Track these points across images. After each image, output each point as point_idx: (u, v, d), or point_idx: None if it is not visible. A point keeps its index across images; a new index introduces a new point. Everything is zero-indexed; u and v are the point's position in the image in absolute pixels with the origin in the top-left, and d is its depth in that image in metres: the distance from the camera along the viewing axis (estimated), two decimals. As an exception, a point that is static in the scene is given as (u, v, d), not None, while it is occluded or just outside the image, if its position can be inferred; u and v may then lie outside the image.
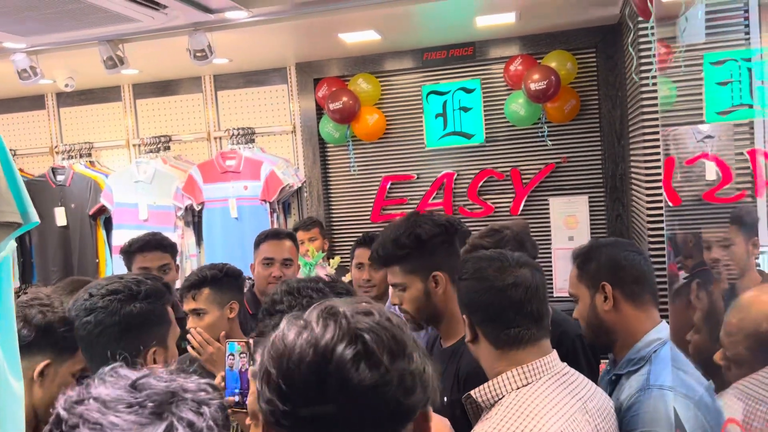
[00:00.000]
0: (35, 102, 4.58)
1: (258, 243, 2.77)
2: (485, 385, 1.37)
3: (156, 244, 2.77)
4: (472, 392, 1.38)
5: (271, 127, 4.25)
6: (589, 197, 3.87)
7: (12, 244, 1.11)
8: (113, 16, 2.64)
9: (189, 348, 2.07)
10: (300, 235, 3.68)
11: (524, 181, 3.94)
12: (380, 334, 0.75)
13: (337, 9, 2.98)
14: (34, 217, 1.09)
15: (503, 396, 1.33)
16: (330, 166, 4.23)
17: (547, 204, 3.93)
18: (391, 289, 1.86)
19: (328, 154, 4.23)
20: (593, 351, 2.04)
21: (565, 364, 1.44)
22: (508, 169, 3.96)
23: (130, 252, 2.74)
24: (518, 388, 1.34)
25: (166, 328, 1.50)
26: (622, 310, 1.62)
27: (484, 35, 3.79)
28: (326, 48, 3.83)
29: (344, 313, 0.76)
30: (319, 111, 4.13)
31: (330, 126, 4.04)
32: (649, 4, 2.05)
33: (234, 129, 4.15)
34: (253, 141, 4.17)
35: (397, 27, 3.47)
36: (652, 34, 2.85)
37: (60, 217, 4.23)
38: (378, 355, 0.73)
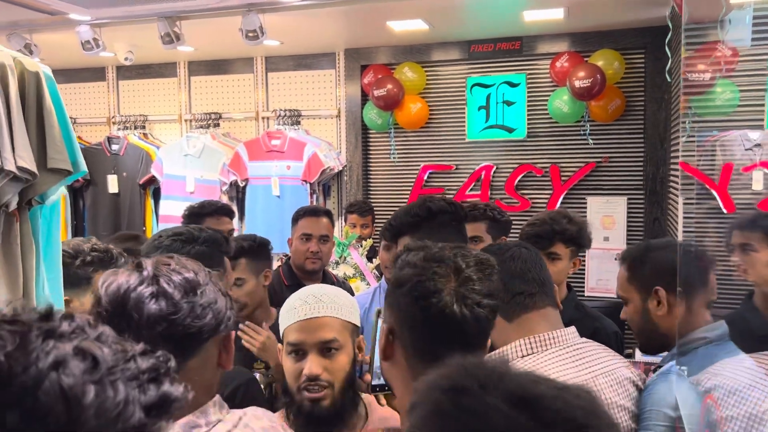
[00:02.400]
0: (96, 74, 4.81)
1: (296, 219, 2.88)
2: (493, 353, 1.40)
3: (227, 210, 3.00)
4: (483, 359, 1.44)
5: (317, 111, 4.36)
6: (628, 199, 3.85)
7: (62, 190, 1.23)
8: (172, -7, 2.77)
9: (243, 342, 2.11)
10: (354, 218, 3.79)
11: (563, 178, 3.94)
12: (177, 280, 1.02)
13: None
14: (83, 167, 1.20)
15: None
16: (371, 152, 4.32)
17: (585, 203, 3.92)
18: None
19: (370, 140, 4.31)
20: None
21: (586, 339, 1.50)
22: (548, 165, 3.97)
23: (201, 214, 2.88)
24: (522, 357, 1.40)
25: (220, 273, 1.65)
26: (676, 314, 1.60)
27: (532, 30, 3.79)
28: (375, 35, 3.91)
29: (150, 266, 1.04)
30: (364, 97, 4.21)
31: (373, 112, 4.12)
32: (684, 5, 2.05)
33: (281, 110, 4.27)
34: (299, 123, 4.29)
35: (445, 17, 3.51)
36: (688, 36, 2.81)
37: (112, 184, 4.44)
38: (173, 294, 1.00)
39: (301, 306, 1.43)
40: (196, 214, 2.90)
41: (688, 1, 1.92)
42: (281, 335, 1.53)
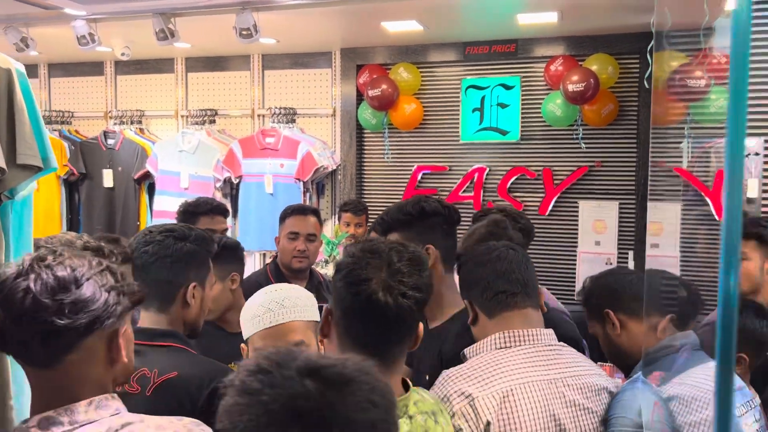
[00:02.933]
0: (95, 68, 4.83)
1: (284, 217, 2.89)
2: (473, 345, 1.52)
3: (222, 210, 3.02)
4: (465, 350, 1.54)
5: (312, 109, 4.37)
6: (620, 203, 3.85)
7: (32, 185, 1.25)
8: (165, -10, 2.79)
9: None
10: (348, 217, 3.79)
11: (555, 181, 3.94)
12: (45, 277, 1.01)
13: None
14: (53, 163, 1.22)
15: (483, 353, 1.48)
16: (365, 152, 4.33)
17: (577, 206, 3.93)
18: None
19: (365, 139, 4.32)
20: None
21: (563, 344, 1.55)
22: (541, 168, 3.97)
23: (196, 213, 2.88)
24: (497, 349, 1.47)
25: (206, 271, 1.73)
26: (630, 329, 1.66)
27: (528, 33, 3.80)
28: (371, 35, 3.91)
29: (27, 260, 1.05)
30: (360, 97, 4.22)
31: (368, 112, 4.13)
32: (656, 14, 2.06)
33: (277, 108, 4.28)
34: (294, 121, 4.30)
35: (440, 19, 3.52)
36: (670, 43, 2.81)
37: (107, 178, 4.46)
38: (35, 290, 1.00)
39: (265, 313, 1.47)
40: (191, 212, 2.92)
41: (670, 9, 1.93)
42: (245, 340, 1.56)
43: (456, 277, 1.82)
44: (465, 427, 1.34)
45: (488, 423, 1.35)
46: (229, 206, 4.32)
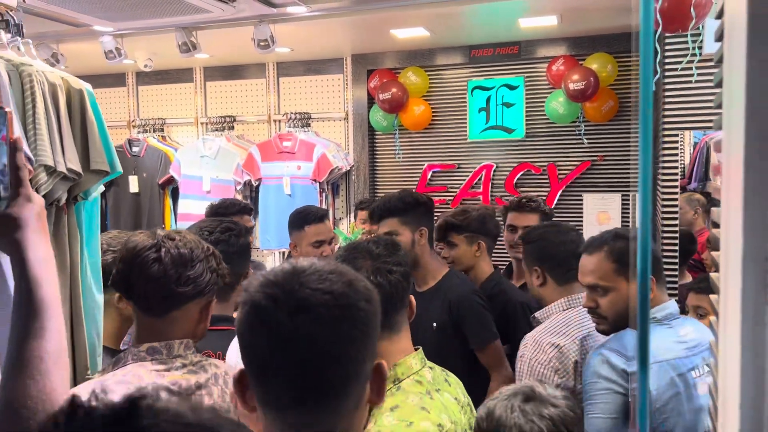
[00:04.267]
0: (117, 79, 5.06)
1: (301, 225, 2.95)
2: (542, 309, 2.09)
3: (249, 209, 3.28)
4: (536, 313, 2.13)
5: (326, 113, 4.58)
6: (622, 195, 4.02)
7: (101, 188, 1.46)
8: (190, 6, 3.00)
9: None
10: (363, 215, 3.98)
11: (560, 176, 4.12)
12: (173, 252, 1.33)
13: (388, 7, 3.26)
14: (118, 167, 1.43)
15: (553, 314, 2.06)
16: (377, 152, 4.53)
17: (581, 199, 4.10)
18: None
19: (376, 140, 4.53)
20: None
21: None
22: (546, 163, 4.16)
23: (227, 214, 3.07)
24: (564, 311, 2.01)
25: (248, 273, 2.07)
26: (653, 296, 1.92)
27: (530, 35, 3.98)
28: (380, 42, 4.12)
29: (160, 236, 1.36)
30: (371, 100, 4.42)
31: (379, 115, 4.33)
32: (659, 16, 2.24)
33: (292, 113, 4.50)
34: (308, 125, 4.51)
35: (446, 25, 3.71)
36: (666, 44, 3.00)
37: (133, 184, 4.69)
38: (165, 261, 1.32)
39: None
40: (222, 213, 3.11)
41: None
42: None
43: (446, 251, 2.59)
44: (560, 368, 1.88)
45: (575, 362, 1.88)
46: (249, 208, 4.55)
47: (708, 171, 4.08)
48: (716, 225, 0.63)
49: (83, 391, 1.18)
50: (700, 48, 3.13)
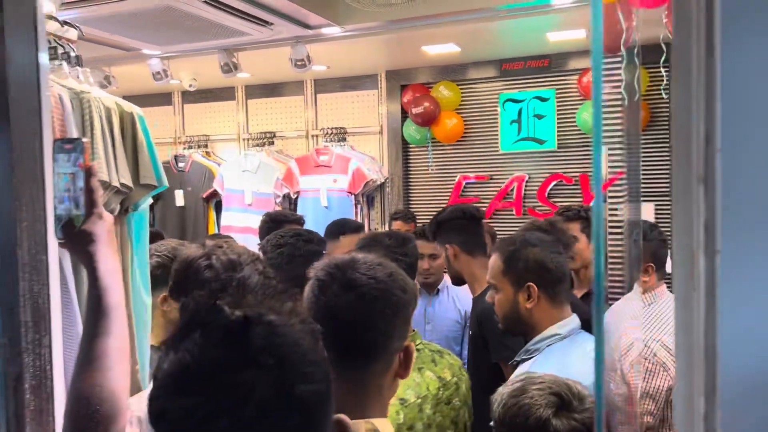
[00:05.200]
0: (164, 99, 5.33)
1: (338, 235, 3.12)
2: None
3: (302, 221, 3.40)
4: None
5: (362, 128, 4.73)
6: (656, 205, 4.03)
7: (149, 200, 1.62)
8: (230, 30, 3.19)
9: None
10: (398, 225, 4.12)
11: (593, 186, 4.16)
12: (222, 257, 1.42)
13: (419, 25, 3.39)
14: (165, 182, 1.58)
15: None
16: (411, 165, 4.65)
17: (616, 210, 4.12)
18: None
19: (410, 153, 4.65)
20: None
21: None
22: (578, 174, 4.20)
23: (285, 221, 3.26)
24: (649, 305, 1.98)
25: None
26: (541, 307, 1.76)
27: (559, 48, 4.05)
28: (412, 58, 4.25)
29: (209, 245, 1.48)
30: (404, 114, 4.55)
31: (412, 128, 4.45)
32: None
33: (328, 128, 4.66)
34: (344, 139, 4.66)
35: (476, 40, 3.82)
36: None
37: (179, 198, 4.92)
38: (216, 266, 1.40)
39: None
40: (279, 221, 3.30)
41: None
42: None
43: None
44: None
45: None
46: (288, 219, 4.72)
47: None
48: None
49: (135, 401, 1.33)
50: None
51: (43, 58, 1.25)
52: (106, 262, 1.05)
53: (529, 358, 1.73)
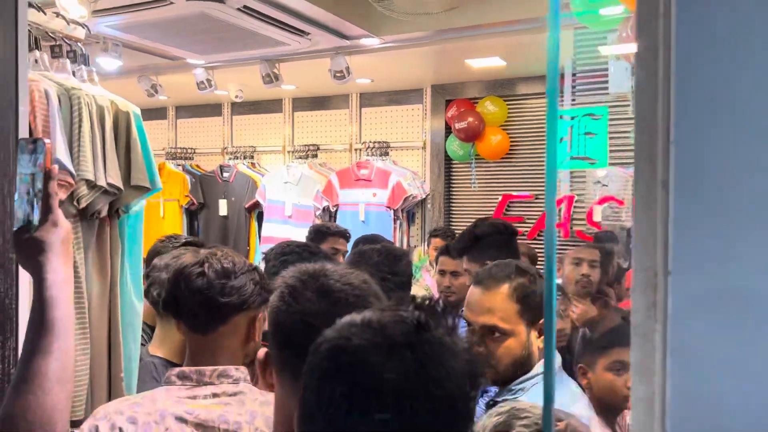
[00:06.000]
0: (215, 109, 5.40)
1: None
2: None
3: (345, 235, 3.34)
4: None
5: (404, 142, 4.64)
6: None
7: (143, 203, 1.56)
8: (267, 40, 3.17)
9: None
10: (437, 242, 4.01)
11: (645, 210, 3.91)
12: (216, 266, 1.35)
13: (460, 37, 3.28)
14: (159, 185, 1.53)
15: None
16: (453, 181, 4.52)
17: (669, 235, 3.87)
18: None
19: (453, 169, 4.52)
20: None
21: None
22: (631, 196, 3.97)
23: (328, 233, 3.24)
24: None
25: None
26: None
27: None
28: (459, 72, 4.14)
29: (204, 253, 1.40)
30: (448, 129, 4.44)
31: (455, 144, 4.33)
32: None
33: (371, 142, 4.59)
34: (387, 154, 4.58)
35: (523, 54, 3.67)
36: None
37: (222, 207, 4.95)
38: (208, 274, 1.33)
39: None
40: (323, 232, 3.28)
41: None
42: None
43: None
44: None
45: None
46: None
47: None
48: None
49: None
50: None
51: (23, 51, 1.21)
52: (56, 272, 0.97)
53: (512, 398, 1.48)
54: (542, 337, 1.53)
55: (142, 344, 1.54)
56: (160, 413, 1.28)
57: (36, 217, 0.97)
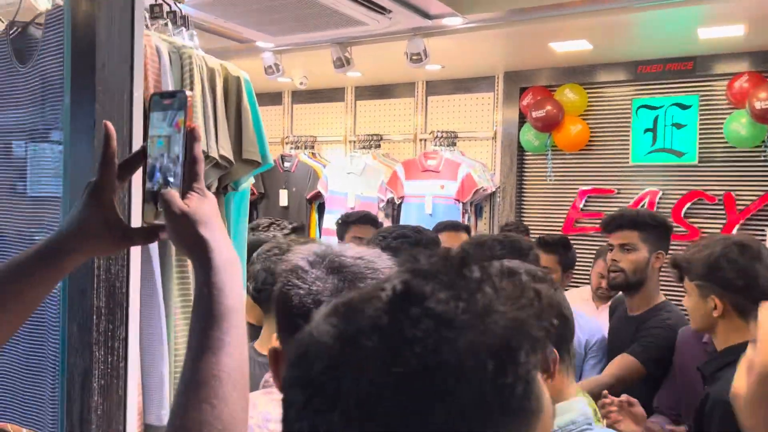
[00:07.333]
0: (275, 98, 5.28)
1: (436, 232, 2.99)
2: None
3: (370, 219, 3.23)
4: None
5: (473, 133, 4.43)
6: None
7: (251, 179, 1.41)
8: (345, 19, 3.01)
9: None
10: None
11: (739, 207, 3.63)
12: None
13: (549, 16, 3.06)
14: (270, 160, 1.37)
15: None
16: (526, 174, 4.29)
17: (765, 234, 3.58)
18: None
19: (526, 161, 4.29)
20: None
21: None
22: (722, 192, 3.69)
23: (347, 223, 3.12)
24: None
25: None
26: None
27: (706, 49, 3.58)
28: (535, 57, 3.91)
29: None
30: (522, 119, 4.21)
31: (531, 134, 4.10)
32: None
33: (438, 132, 4.40)
34: (454, 144, 4.38)
35: (611, 37, 3.43)
36: None
37: (283, 198, 4.82)
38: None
39: None
40: (343, 222, 3.20)
41: None
42: None
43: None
44: None
45: None
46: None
47: None
48: None
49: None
50: None
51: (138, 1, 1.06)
52: (220, 252, 0.77)
53: None
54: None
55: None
56: (263, 417, 1.17)
57: (173, 188, 0.80)
